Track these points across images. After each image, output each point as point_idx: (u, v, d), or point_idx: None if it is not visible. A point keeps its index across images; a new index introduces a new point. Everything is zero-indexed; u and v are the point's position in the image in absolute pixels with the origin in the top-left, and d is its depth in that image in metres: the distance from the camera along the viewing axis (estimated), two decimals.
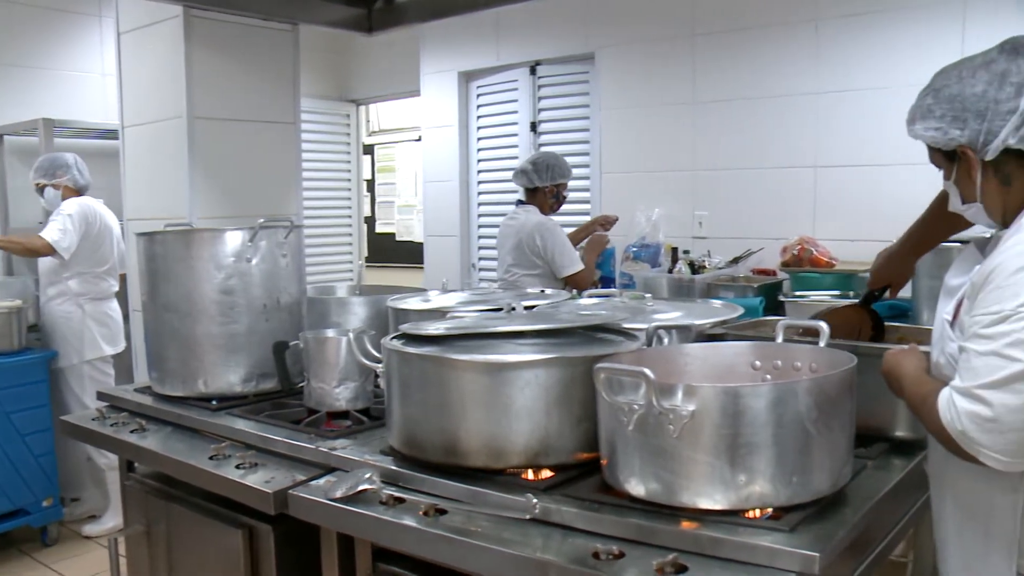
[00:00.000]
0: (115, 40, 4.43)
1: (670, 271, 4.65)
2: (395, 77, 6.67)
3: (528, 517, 1.69)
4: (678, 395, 1.57)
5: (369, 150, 7.65)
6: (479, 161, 6.04)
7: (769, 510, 1.62)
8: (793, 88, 4.52)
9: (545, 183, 4.61)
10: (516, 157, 5.58)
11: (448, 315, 2.49)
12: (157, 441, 2.56)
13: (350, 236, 7.13)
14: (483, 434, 1.85)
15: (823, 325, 1.91)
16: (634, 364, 1.64)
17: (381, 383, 2.12)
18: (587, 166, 5.43)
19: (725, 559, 1.53)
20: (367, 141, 7.62)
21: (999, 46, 1.63)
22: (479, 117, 6.02)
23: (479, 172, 6.04)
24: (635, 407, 1.60)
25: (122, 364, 4.87)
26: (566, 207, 4.88)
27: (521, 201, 4.77)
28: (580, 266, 4.54)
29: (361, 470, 2.01)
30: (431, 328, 2.10)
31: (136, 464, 2.80)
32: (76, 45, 5.97)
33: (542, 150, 5.25)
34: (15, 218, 5.64)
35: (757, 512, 1.61)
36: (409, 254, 7.16)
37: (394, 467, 2.00)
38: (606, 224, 4.83)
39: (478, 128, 6.03)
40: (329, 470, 2.14)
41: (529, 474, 1.88)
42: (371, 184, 7.69)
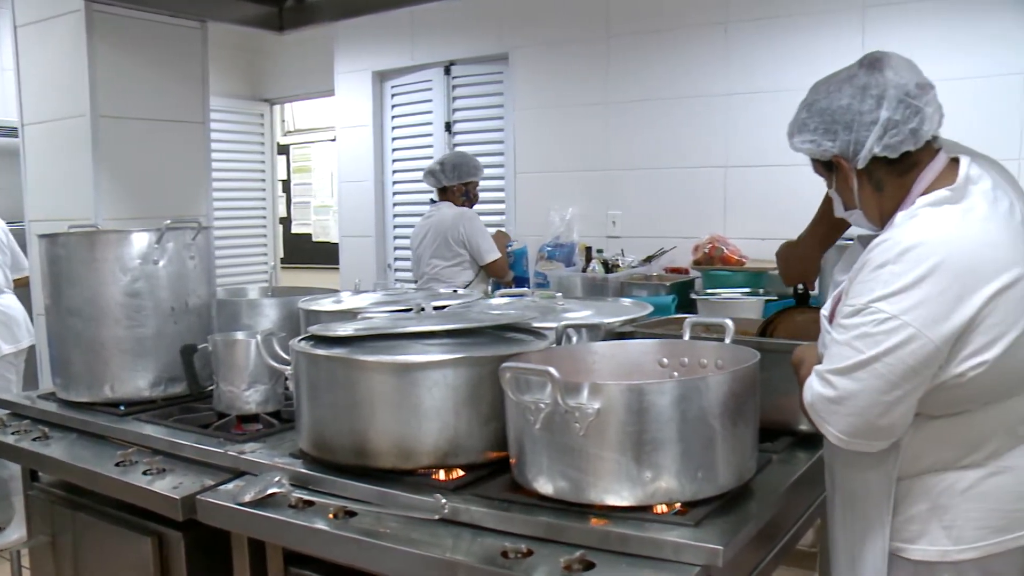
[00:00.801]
0: (11, 34, 4.29)
1: (584, 270, 4.70)
2: (309, 76, 6.61)
3: (437, 517, 1.69)
4: (584, 393, 1.58)
5: (284, 150, 7.56)
6: (394, 161, 6.03)
7: (677, 505, 1.64)
8: (704, 89, 4.61)
9: (452, 182, 4.68)
10: (431, 157, 5.58)
11: (359, 316, 2.47)
12: (61, 449, 2.49)
13: (265, 237, 7.04)
14: (392, 435, 1.84)
15: (728, 322, 1.95)
16: (541, 363, 1.64)
17: (290, 385, 2.10)
18: (501, 166, 5.46)
19: (632, 555, 1.55)
20: (282, 141, 7.52)
21: (859, 61, 1.73)
22: (394, 117, 6.01)
23: (394, 172, 6.03)
24: (541, 406, 1.61)
25: (28, 371, 4.72)
26: (481, 207, 4.91)
27: (434, 200, 4.81)
28: (500, 254, 4.64)
29: (270, 474, 1.98)
30: (340, 329, 2.08)
31: (40, 473, 2.72)
32: None
33: (455, 150, 5.27)
34: None
35: (664, 508, 1.63)
36: (326, 255, 7.10)
37: (304, 470, 1.99)
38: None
39: (393, 128, 6.02)
40: (238, 474, 2.11)
41: (441, 474, 1.88)
42: (287, 184, 7.60)
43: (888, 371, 1.54)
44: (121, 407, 2.63)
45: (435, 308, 2.49)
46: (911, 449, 1.67)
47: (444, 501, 1.69)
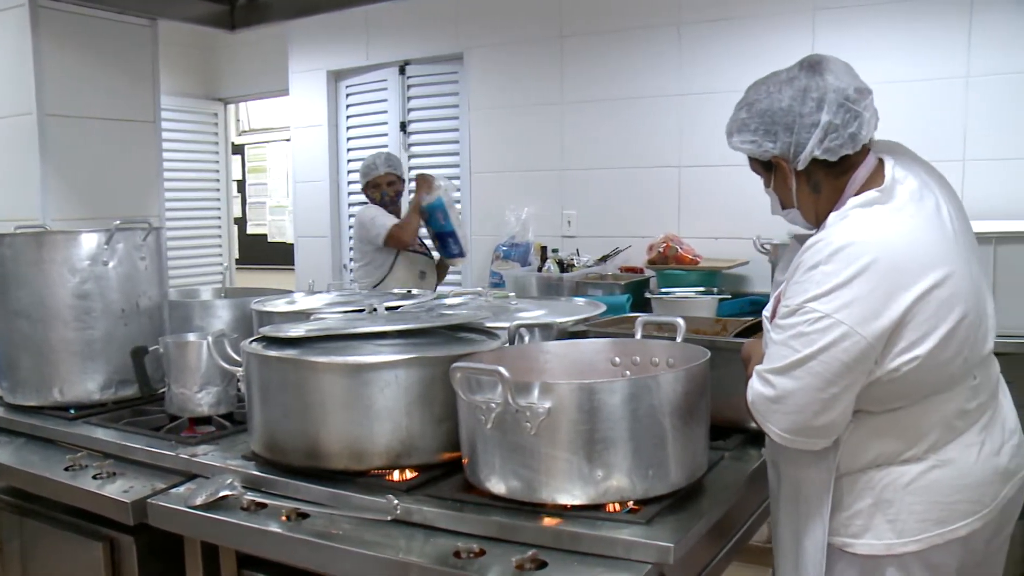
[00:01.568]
0: None
1: (540, 270, 4.71)
2: (263, 76, 6.56)
3: (390, 518, 1.68)
4: (534, 393, 1.59)
5: (239, 150, 7.49)
6: (349, 161, 6.00)
7: (629, 504, 1.65)
8: (658, 89, 4.64)
9: (361, 184, 4.69)
10: None
11: (312, 317, 2.46)
12: (9, 454, 2.45)
13: (219, 238, 6.97)
14: (344, 436, 1.84)
15: (679, 321, 1.97)
16: (493, 363, 1.65)
17: (242, 387, 2.09)
18: (457, 166, 5.46)
19: (584, 553, 1.56)
20: (237, 141, 7.46)
21: (799, 63, 1.76)
22: (349, 117, 5.98)
23: (349, 172, 5.99)
24: (493, 406, 1.61)
25: None
26: None
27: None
28: (388, 227, 4.49)
29: (222, 476, 1.97)
30: (292, 330, 2.07)
31: None
32: None
33: (376, 151, 5.11)
34: None
35: (616, 506, 1.65)
36: (282, 255, 7.04)
37: (256, 472, 1.97)
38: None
39: (348, 128, 5.99)
40: (190, 477, 2.10)
41: (394, 475, 1.88)
42: (242, 184, 7.53)
43: (824, 369, 1.57)
44: (71, 411, 2.59)
45: (388, 309, 2.48)
46: (852, 445, 1.69)
47: (396, 502, 1.69)
